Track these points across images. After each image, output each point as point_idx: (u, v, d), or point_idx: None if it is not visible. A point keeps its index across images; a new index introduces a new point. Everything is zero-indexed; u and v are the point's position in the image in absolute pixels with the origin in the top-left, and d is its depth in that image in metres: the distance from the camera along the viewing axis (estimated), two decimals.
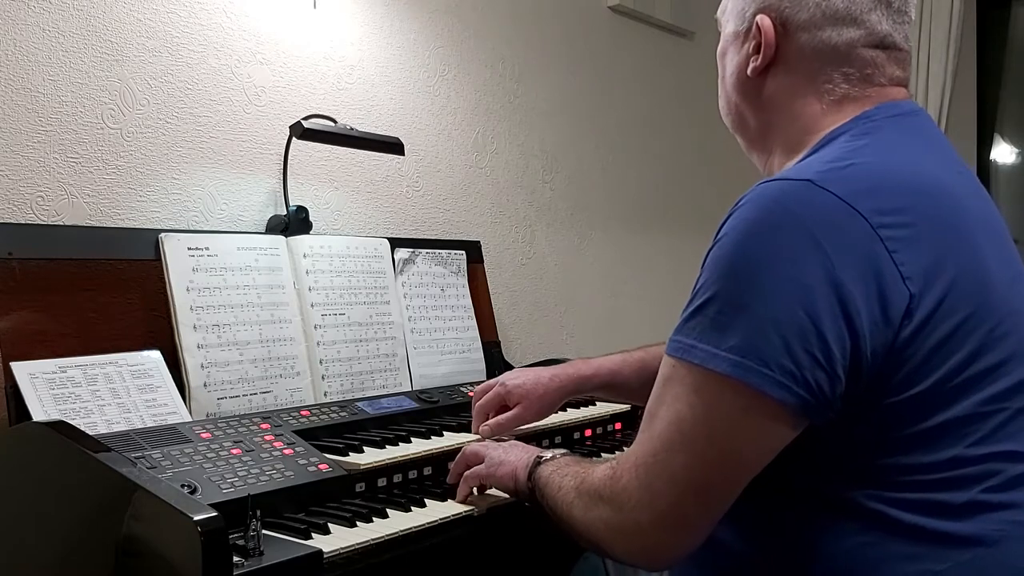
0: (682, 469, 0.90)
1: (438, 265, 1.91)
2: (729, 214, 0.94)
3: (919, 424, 0.89)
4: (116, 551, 1.00)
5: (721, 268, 0.90)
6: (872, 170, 0.93)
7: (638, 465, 0.94)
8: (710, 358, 0.88)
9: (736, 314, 0.88)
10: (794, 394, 0.85)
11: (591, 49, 2.59)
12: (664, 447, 0.92)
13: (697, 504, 0.92)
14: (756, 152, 1.17)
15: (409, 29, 2.07)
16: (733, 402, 0.88)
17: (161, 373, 1.40)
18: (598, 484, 1.00)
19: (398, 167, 2.03)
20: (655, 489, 0.92)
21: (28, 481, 1.15)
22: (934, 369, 0.88)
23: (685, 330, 0.92)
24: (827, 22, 1.03)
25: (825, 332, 0.85)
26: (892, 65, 1.05)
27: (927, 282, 0.88)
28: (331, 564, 1.07)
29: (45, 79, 1.49)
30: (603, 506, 0.99)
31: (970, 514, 0.88)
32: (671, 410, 0.92)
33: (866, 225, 0.88)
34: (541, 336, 2.39)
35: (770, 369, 0.85)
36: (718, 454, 0.90)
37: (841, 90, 1.04)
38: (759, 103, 1.10)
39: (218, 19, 1.72)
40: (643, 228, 2.80)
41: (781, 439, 0.89)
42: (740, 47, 1.11)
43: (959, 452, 0.89)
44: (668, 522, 0.93)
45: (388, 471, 1.35)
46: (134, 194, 1.59)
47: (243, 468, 1.21)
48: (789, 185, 0.91)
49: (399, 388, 1.73)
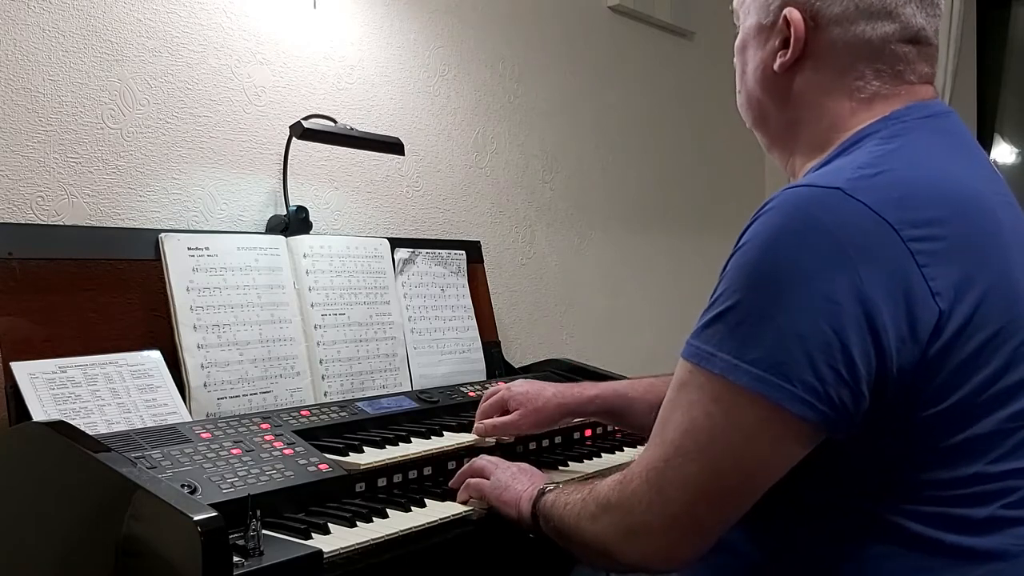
0: (695, 476, 0.89)
1: (438, 265, 1.91)
2: (754, 219, 0.91)
3: (944, 440, 0.87)
4: (116, 551, 1.00)
5: (745, 276, 0.88)
6: (903, 179, 0.90)
7: (649, 470, 0.93)
8: (731, 369, 0.86)
9: (759, 325, 0.86)
10: (816, 410, 0.84)
11: (591, 49, 2.59)
12: (677, 453, 0.90)
13: (709, 511, 0.91)
14: (777, 150, 1.12)
15: (409, 29, 2.07)
16: (752, 414, 0.86)
17: (161, 373, 1.40)
18: (607, 492, 0.99)
19: (398, 167, 2.03)
20: (667, 494, 0.91)
21: (28, 481, 1.15)
22: (960, 386, 0.86)
23: (704, 336, 0.90)
24: (861, 15, 0.99)
25: (851, 348, 0.83)
26: (922, 62, 1.01)
27: (957, 298, 0.85)
28: (331, 564, 1.07)
29: (45, 79, 1.49)
30: (612, 512, 0.97)
31: (989, 530, 0.87)
32: (686, 417, 0.90)
33: (896, 238, 0.85)
34: (541, 336, 2.39)
35: (792, 385, 0.84)
36: (732, 464, 0.88)
37: (872, 87, 1.00)
38: (784, 100, 1.06)
39: (218, 19, 1.72)
40: (643, 228, 2.80)
41: (798, 452, 0.88)
42: (764, 41, 1.06)
43: (981, 468, 0.87)
44: (679, 526, 0.92)
45: (388, 471, 1.34)
46: (134, 194, 1.59)
47: (243, 468, 1.21)
48: (819, 193, 0.88)
49: (399, 388, 1.73)
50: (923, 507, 0.88)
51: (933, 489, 0.88)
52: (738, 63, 1.13)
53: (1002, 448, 0.88)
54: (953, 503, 0.87)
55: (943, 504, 0.87)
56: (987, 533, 0.87)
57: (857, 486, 0.90)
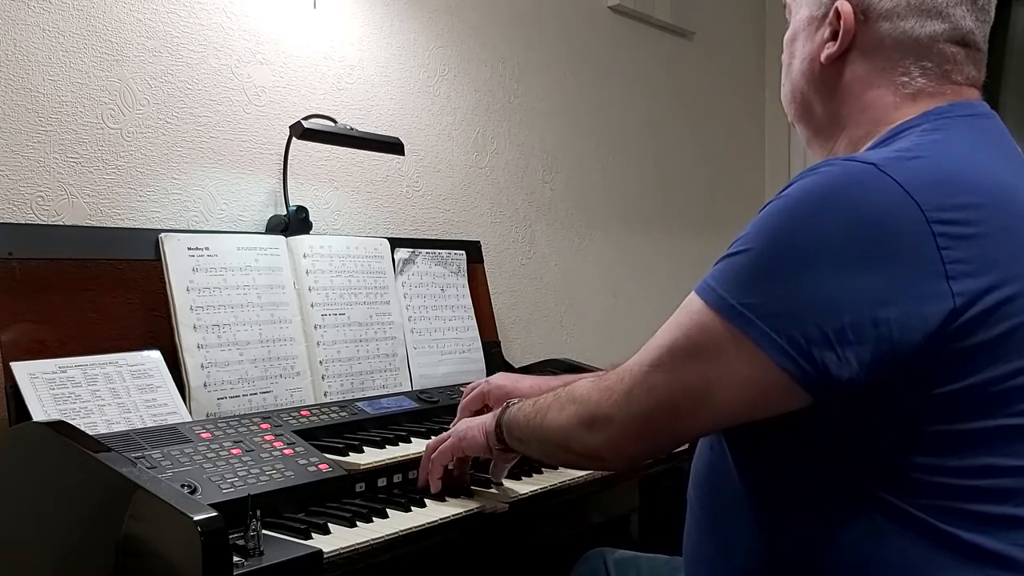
0: (663, 386, 0.94)
1: (438, 265, 1.91)
2: (795, 179, 0.93)
3: (954, 424, 0.87)
4: (116, 551, 1.00)
5: (766, 227, 0.91)
6: (940, 167, 0.90)
7: (624, 371, 0.99)
8: (725, 307, 0.89)
9: (762, 274, 0.89)
10: (795, 364, 0.85)
11: (591, 49, 2.59)
12: (651, 361, 0.96)
13: (666, 422, 0.96)
14: (819, 142, 1.13)
15: (409, 29, 2.07)
16: (731, 350, 0.89)
17: (161, 373, 1.40)
18: (581, 387, 1.06)
19: (398, 167, 2.03)
20: (633, 395, 0.97)
21: (28, 481, 1.15)
22: (977, 371, 0.86)
23: (714, 272, 0.94)
24: (911, 12, 1.00)
25: (843, 314, 0.84)
26: (969, 64, 1.02)
27: (984, 286, 0.85)
28: (331, 564, 1.07)
29: (45, 79, 1.49)
30: (579, 403, 1.04)
31: (1006, 528, 0.87)
32: (670, 334, 0.96)
33: (921, 217, 0.85)
34: (541, 336, 2.39)
35: (778, 335, 0.86)
36: (699, 387, 0.92)
37: (917, 84, 1.01)
38: (829, 92, 1.07)
39: (218, 19, 1.72)
40: (643, 228, 2.80)
41: (767, 402, 0.90)
42: (814, 33, 1.07)
43: (993, 461, 0.87)
44: (635, 426, 0.97)
45: (388, 471, 1.35)
46: (134, 194, 1.59)
47: (243, 468, 1.21)
48: (853, 166, 0.90)
49: (399, 388, 1.73)
50: (933, 499, 0.87)
51: (942, 475, 0.87)
52: (785, 56, 1.14)
53: (1020, 443, 0.87)
54: (964, 495, 0.87)
55: (953, 496, 0.87)
56: (1004, 532, 0.86)
57: (866, 467, 0.89)
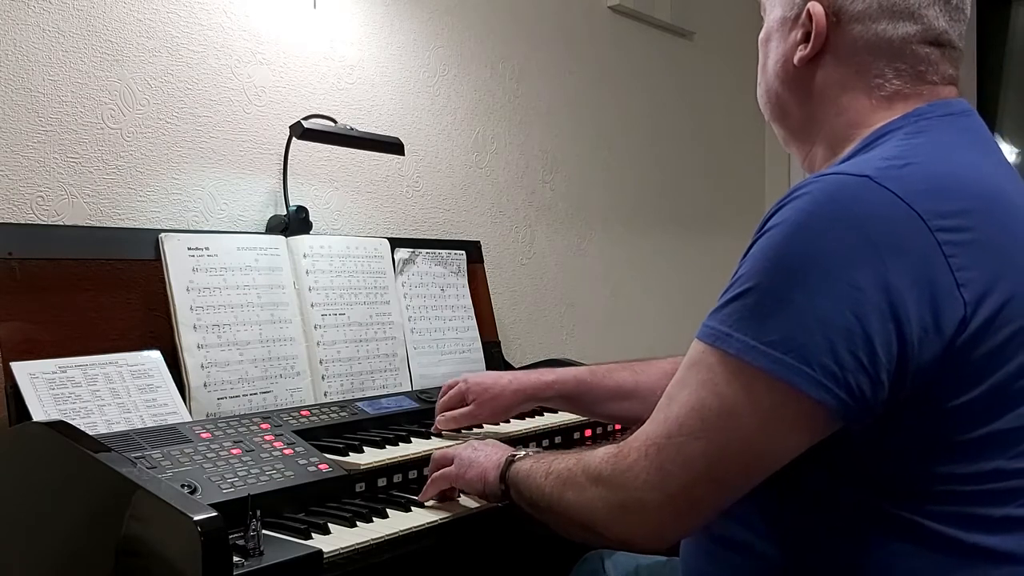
0: (700, 456, 0.88)
1: (438, 265, 1.91)
2: (780, 204, 0.90)
3: (964, 434, 0.86)
4: (116, 551, 1.00)
5: (769, 259, 0.87)
6: (931, 171, 0.89)
7: (650, 445, 0.91)
8: (747, 350, 0.85)
9: (779, 307, 0.84)
10: (834, 396, 0.83)
11: (591, 49, 2.59)
12: (681, 431, 0.89)
13: (709, 491, 0.89)
14: (796, 144, 1.12)
15: (409, 29, 2.07)
16: (767, 397, 0.85)
17: (161, 373, 1.40)
18: (599, 464, 0.97)
19: (398, 167, 2.03)
20: (667, 471, 0.89)
21: (28, 481, 1.15)
22: (985, 379, 0.85)
23: (721, 316, 0.89)
24: (883, 14, 0.99)
25: (872, 336, 0.82)
26: (945, 63, 1.01)
27: (984, 290, 0.85)
28: (331, 564, 1.07)
29: (45, 79, 1.48)
30: (604, 485, 0.95)
31: (1008, 529, 0.87)
32: (694, 395, 0.89)
33: (924, 228, 0.84)
34: (541, 336, 2.39)
35: (812, 368, 0.82)
36: (740, 447, 0.87)
37: (892, 86, 1.00)
38: (803, 94, 1.06)
39: (218, 19, 1.72)
40: (643, 228, 2.80)
41: (809, 438, 0.87)
42: (787, 34, 1.06)
43: (1001, 464, 0.86)
44: (676, 504, 0.90)
45: (388, 471, 1.35)
46: (134, 194, 1.59)
47: (243, 468, 1.21)
48: (848, 180, 0.88)
49: (399, 388, 1.73)
50: (943, 506, 0.86)
51: (952, 483, 0.86)
52: (760, 56, 1.13)
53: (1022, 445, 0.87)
54: (972, 500, 0.86)
55: (962, 502, 0.86)
56: (1005, 532, 0.86)
57: (875, 481, 0.89)
